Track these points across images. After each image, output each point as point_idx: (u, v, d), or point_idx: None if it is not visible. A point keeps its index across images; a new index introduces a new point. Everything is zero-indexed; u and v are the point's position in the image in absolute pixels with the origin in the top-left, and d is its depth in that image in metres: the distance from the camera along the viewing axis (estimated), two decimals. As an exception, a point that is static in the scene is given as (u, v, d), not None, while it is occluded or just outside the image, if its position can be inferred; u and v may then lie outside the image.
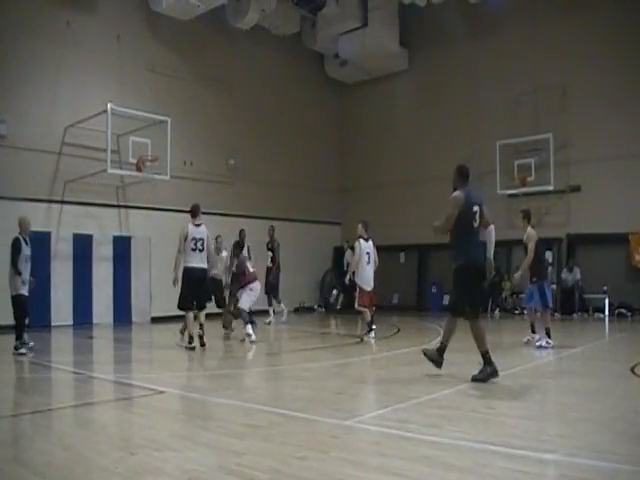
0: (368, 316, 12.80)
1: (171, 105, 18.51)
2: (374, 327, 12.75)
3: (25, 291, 11.14)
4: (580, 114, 19.25)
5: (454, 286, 8.06)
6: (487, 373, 7.56)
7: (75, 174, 16.71)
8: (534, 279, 11.34)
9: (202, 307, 11.71)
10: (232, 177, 21.09)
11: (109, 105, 15.97)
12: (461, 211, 7.73)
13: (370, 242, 12.93)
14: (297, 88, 23.59)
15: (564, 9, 19.58)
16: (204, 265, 11.43)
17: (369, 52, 21.97)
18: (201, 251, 11.31)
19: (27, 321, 11.62)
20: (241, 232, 15.17)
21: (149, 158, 16.98)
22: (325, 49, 23.58)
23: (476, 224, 7.87)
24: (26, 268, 11.12)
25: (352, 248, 14.64)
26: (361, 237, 12.90)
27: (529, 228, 11.32)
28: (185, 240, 11.22)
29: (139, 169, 16.86)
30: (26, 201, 15.85)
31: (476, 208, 7.85)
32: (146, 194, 18.20)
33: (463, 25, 21.36)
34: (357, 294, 12.92)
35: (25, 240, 11.17)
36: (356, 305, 12.97)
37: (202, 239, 11.34)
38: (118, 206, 18.05)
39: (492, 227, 8.23)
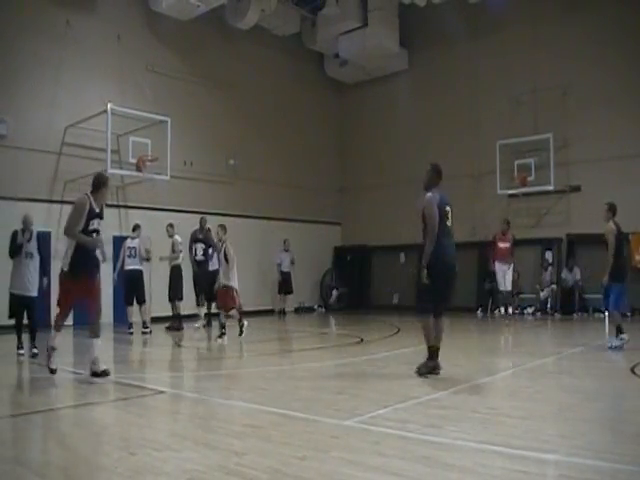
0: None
1: (171, 105, 18.51)
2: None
3: (16, 290, 10.53)
4: (580, 114, 19.24)
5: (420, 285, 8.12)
6: (429, 367, 7.92)
7: (75, 174, 16.70)
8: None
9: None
10: (232, 177, 21.08)
11: (109, 105, 15.97)
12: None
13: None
14: (297, 88, 23.59)
15: (564, 9, 19.59)
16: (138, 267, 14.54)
17: (369, 52, 21.95)
18: (134, 257, 14.45)
19: (27, 323, 10.79)
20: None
21: (149, 158, 16.97)
22: (325, 49, 23.57)
23: (449, 223, 8.12)
24: (23, 264, 10.49)
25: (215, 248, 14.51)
26: (225, 241, 13.06)
27: (610, 222, 11.11)
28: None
29: (139, 169, 16.86)
30: (26, 201, 15.85)
31: (448, 208, 8.14)
32: (146, 194, 18.21)
33: (463, 25, 21.34)
34: (234, 296, 12.92)
35: (25, 235, 10.57)
36: (237, 309, 13.13)
37: (135, 247, 14.52)
38: (118, 206, 18.03)
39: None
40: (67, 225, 8.40)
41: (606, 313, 17.32)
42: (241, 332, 13.02)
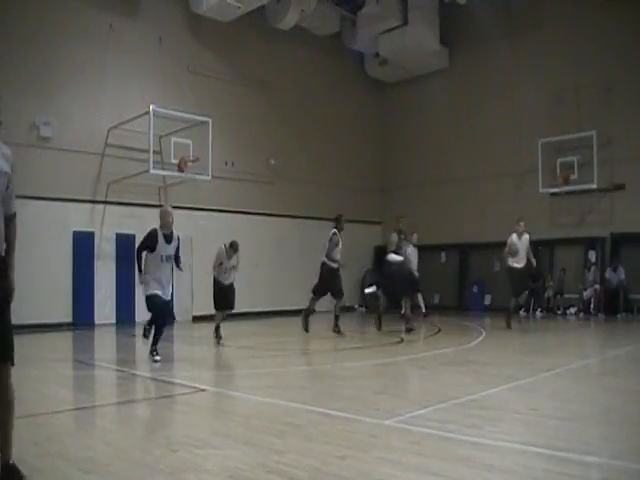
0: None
1: (212, 106, 18.66)
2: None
3: (157, 290, 9.97)
4: (624, 111, 18.88)
5: None
6: None
7: (118, 175, 16.96)
8: None
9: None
10: (273, 177, 21.18)
11: (151, 107, 16.16)
12: None
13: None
14: (337, 87, 23.59)
15: (607, 3, 19.22)
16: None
17: (409, 51, 21.89)
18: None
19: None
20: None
21: (191, 159, 17.12)
22: (365, 48, 23.53)
23: None
24: (161, 268, 10.01)
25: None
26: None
27: None
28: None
29: (181, 170, 17.02)
30: (71, 202, 16.22)
31: None
32: (187, 194, 18.40)
33: (503, 22, 21.14)
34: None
35: (165, 236, 9.85)
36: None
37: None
38: (160, 206, 18.20)
39: None
40: None
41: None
42: None
